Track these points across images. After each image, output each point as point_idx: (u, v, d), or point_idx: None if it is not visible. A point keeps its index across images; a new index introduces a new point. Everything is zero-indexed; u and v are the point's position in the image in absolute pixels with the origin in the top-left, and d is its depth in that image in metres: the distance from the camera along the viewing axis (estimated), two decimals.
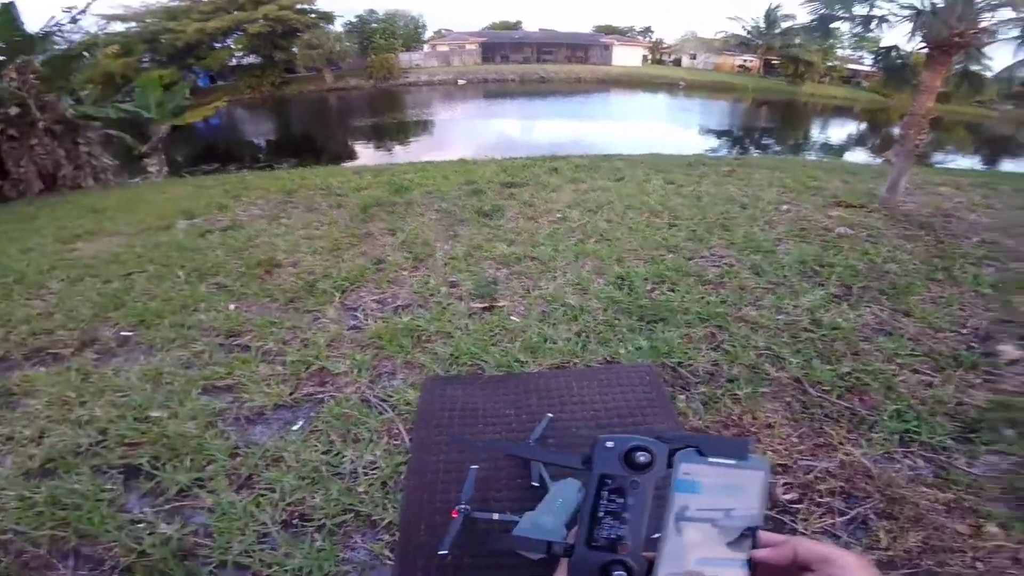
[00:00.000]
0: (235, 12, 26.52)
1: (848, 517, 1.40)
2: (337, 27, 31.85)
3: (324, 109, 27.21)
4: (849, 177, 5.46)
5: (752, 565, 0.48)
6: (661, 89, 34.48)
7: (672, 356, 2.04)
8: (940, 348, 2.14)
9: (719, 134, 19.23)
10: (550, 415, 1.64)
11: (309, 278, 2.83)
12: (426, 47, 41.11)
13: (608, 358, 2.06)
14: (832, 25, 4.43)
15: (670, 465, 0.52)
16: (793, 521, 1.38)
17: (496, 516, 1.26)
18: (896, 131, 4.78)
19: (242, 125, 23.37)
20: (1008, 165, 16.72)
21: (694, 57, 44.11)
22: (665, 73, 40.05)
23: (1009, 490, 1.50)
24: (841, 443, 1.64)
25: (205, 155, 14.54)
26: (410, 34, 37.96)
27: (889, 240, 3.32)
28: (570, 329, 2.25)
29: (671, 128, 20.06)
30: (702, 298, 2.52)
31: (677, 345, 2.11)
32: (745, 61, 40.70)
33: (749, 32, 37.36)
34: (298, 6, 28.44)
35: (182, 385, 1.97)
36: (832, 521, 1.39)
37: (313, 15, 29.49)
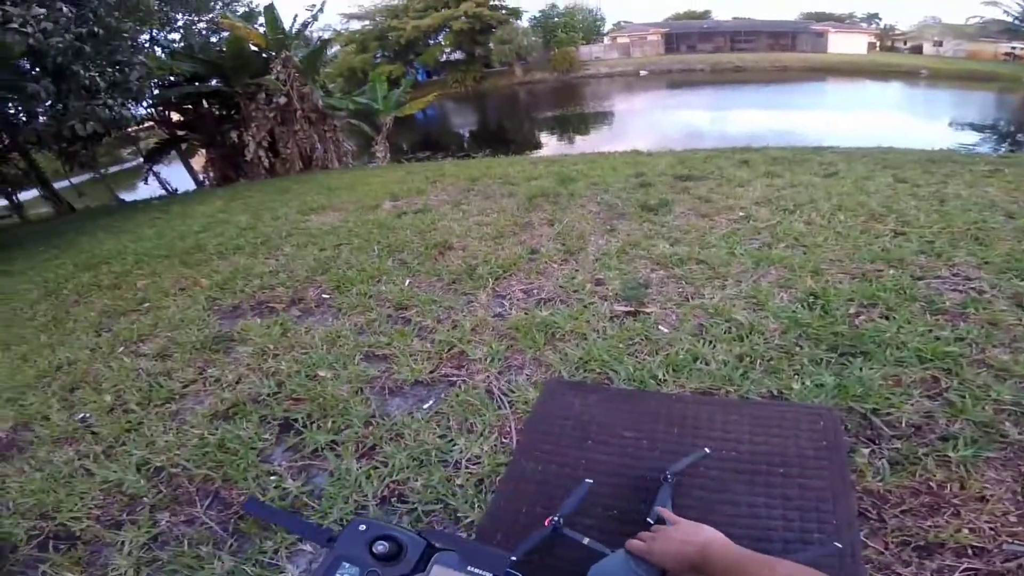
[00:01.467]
0: (442, 10, 30.03)
1: None
2: (524, 22, 33.82)
3: (514, 102, 29.23)
4: None
5: None
6: (894, 78, 29.32)
7: (866, 400, 1.57)
8: None
9: (979, 128, 15.75)
10: (707, 450, 1.36)
11: (472, 262, 2.94)
12: (606, 39, 40.66)
13: (775, 392, 1.67)
14: None
15: (423, 565, 0.50)
16: None
17: (586, 541, 1.11)
18: None
19: (450, 117, 26.43)
20: None
21: (939, 44, 36.99)
22: (899, 61, 33.52)
23: None
24: None
25: (422, 143, 17.00)
26: (590, 27, 38.26)
27: None
28: (730, 350, 1.89)
29: (907, 119, 16.89)
30: (929, 331, 1.87)
31: (877, 388, 1.61)
32: (1013, 49, 32.38)
33: (1017, 17, 29.75)
34: (491, 2, 30.81)
35: (351, 349, 2.19)
36: None
37: (503, 11, 31.63)
